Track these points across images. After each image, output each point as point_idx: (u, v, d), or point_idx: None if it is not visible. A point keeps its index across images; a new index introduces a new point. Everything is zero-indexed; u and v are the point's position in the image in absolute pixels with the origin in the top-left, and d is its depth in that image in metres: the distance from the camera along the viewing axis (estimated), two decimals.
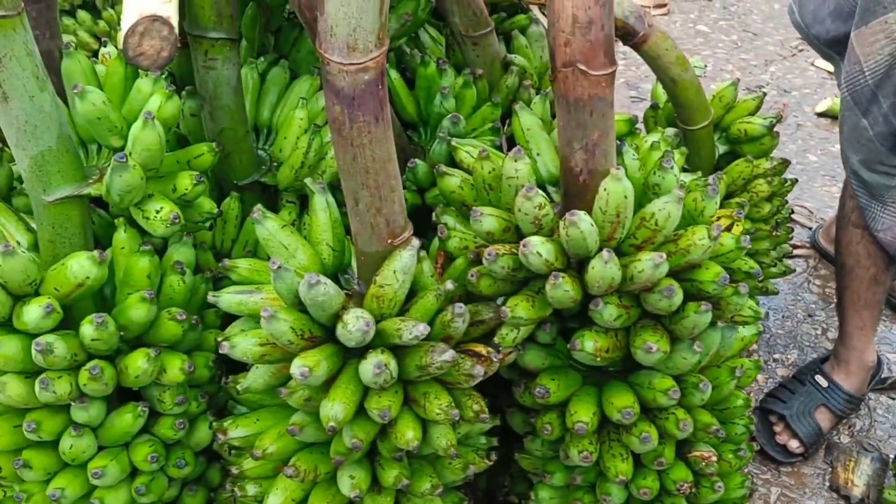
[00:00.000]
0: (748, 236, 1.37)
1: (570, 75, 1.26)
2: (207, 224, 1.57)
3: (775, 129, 2.06)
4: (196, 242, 1.56)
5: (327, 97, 1.18)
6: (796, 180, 2.22)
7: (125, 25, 1.34)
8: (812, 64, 4.13)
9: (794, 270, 2.54)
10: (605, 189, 1.28)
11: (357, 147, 1.19)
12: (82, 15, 3.29)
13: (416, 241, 1.30)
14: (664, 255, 1.27)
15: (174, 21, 1.37)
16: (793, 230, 2.33)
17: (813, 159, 3.46)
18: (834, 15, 2.11)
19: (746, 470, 1.86)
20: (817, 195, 3.24)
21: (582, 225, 1.26)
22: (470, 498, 1.60)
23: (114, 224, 1.53)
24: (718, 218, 1.46)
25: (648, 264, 1.27)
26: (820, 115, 3.74)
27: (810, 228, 3.06)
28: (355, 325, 1.24)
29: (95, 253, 1.32)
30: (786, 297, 2.78)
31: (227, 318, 1.53)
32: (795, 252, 2.87)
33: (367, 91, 1.15)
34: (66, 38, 2.11)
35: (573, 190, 1.36)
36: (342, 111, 1.17)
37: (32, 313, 1.28)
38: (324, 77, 1.17)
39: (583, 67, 1.25)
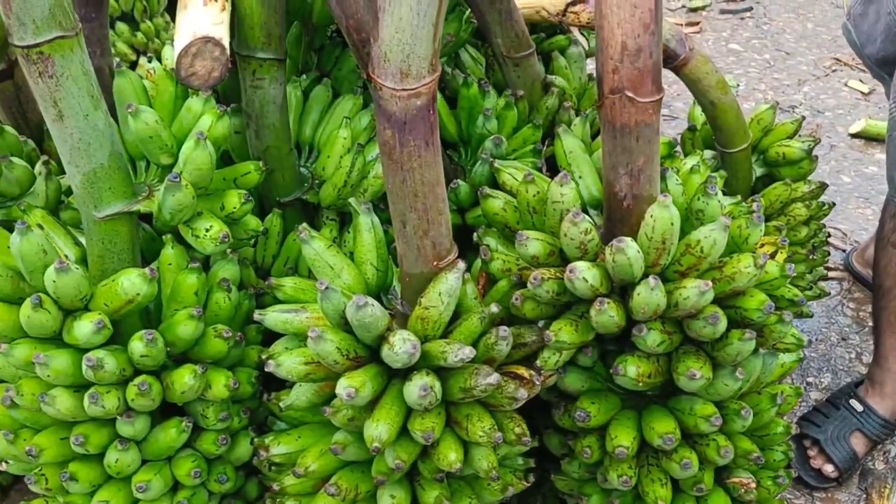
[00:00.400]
0: (793, 264, 1.36)
1: (617, 102, 1.27)
2: (252, 241, 1.59)
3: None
4: (239, 259, 1.58)
5: (378, 121, 1.19)
6: (834, 204, 2.21)
7: (178, 46, 1.37)
8: (846, 84, 4.11)
9: (829, 293, 2.52)
10: (651, 216, 1.28)
11: (407, 171, 1.21)
12: (121, 26, 3.33)
13: (461, 264, 1.31)
14: (710, 283, 1.27)
15: (226, 42, 1.39)
16: (829, 253, 2.32)
17: (846, 181, 3.44)
18: (884, 35, 2.11)
19: (780, 495, 1.85)
20: (851, 217, 3.22)
21: (629, 251, 1.26)
22: None
23: (157, 238, 1.56)
24: (762, 244, 1.46)
25: (694, 291, 1.27)
26: (854, 136, 3.72)
27: (844, 251, 3.04)
28: (402, 347, 1.25)
29: (146, 270, 1.34)
30: (819, 319, 2.76)
31: (269, 334, 1.55)
32: (829, 275, 2.86)
33: (419, 116, 1.17)
34: None
35: (617, 214, 1.36)
36: (393, 135, 1.18)
37: (84, 329, 1.30)
38: (375, 101, 1.18)
39: (630, 94, 1.26)
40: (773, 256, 1.44)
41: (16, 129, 1.74)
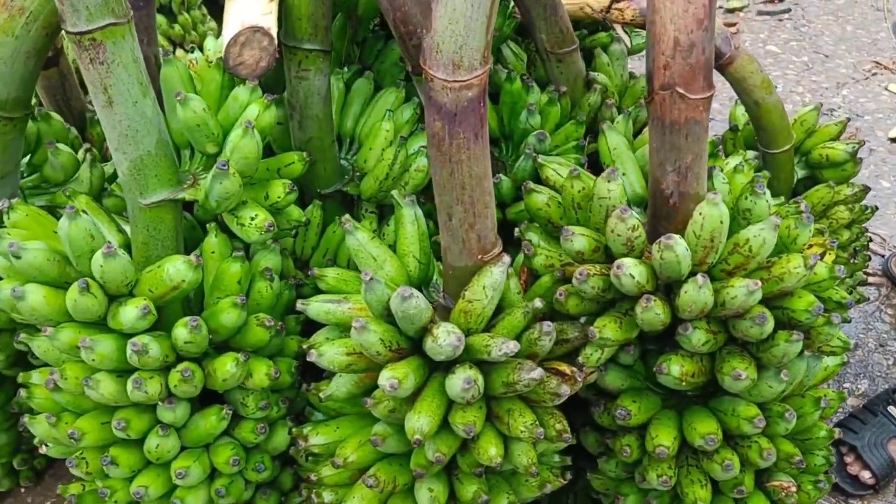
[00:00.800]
0: (842, 266, 1.34)
1: (667, 98, 1.26)
2: (293, 231, 1.59)
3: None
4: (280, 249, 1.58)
5: (428, 113, 1.18)
6: (877, 208, 2.18)
7: (227, 35, 1.37)
8: (885, 88, 4.05)
9: (868, 299, 2.49)
10: (700, 213, 1.27)
11: (455, 163, 1.20)
12: (158, 18, 3.35)
13: (506, 258, 1.30)
14: (759, 283, 1.25)
15: (274, 32, 1.39)
16: (869, 258, 2.29)
17: (886, 185, 3.39)
18: None
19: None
20: (890, 222, 3.17)
21: (677, 249, 1.25)
22: None
23: (197, 226, 1.56)
24: (810, 245, 1.44)
25: (742, 291, 1.26)
26: (893, 140, 3.67)
27: (883, 256, 3.00)
28: (446, 339, 1.24)
29: (191, 257, 1.34)
30: (857, 325, 2.72)
31: (307, 325, 1.55)
32: (868, 280, 2.82)
33: (469, 108, 1.16)
34: None
35: (662, 212, 1.35)
36: (443, 127, 1.18)
37: (129, 314, 1.31)
38: (425, 93, 1.18)
39: (681, 91, 1.25)
40: (821, 257, 1.43)
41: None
